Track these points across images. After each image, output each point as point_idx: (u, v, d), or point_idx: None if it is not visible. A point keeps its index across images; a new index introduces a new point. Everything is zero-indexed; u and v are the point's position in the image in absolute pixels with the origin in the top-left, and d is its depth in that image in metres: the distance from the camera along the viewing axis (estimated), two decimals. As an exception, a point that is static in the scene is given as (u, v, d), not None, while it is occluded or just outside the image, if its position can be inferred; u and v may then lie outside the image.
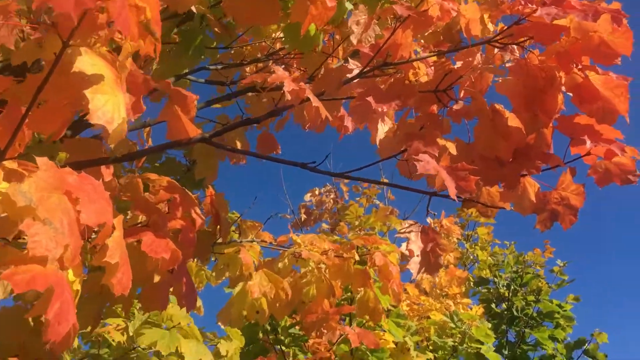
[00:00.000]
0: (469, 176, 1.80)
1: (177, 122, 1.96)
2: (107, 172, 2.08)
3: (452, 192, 1.82)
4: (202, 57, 3.20)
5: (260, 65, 3.76)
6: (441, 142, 1.94)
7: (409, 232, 2.25)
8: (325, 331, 2.94)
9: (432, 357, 6.23)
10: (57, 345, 1.12)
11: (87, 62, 1.23)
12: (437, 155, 1.85)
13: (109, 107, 1.24)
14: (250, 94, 3.51)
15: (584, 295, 8.65)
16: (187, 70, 3.33)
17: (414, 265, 2.22)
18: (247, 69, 3.82)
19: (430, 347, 6.27)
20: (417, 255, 2.21)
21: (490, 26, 2.53)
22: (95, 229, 1.30)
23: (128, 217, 2.11)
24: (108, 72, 1.26)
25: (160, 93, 3.19)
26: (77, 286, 1.26)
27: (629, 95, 1.94)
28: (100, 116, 1.24)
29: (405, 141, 1.95)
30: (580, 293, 8.05)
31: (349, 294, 5.13)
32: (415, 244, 2.21)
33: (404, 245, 2.24)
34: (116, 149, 2.67)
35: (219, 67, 3.58)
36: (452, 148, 1.97)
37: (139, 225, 1.97)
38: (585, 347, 7.41)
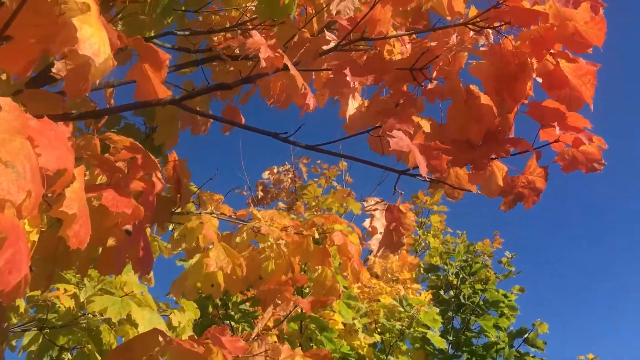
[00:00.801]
0: (441, 155, 1.79)
1: (147, 82, 1.88)
2: (67, 129, 1.98)
3: (423, 170, 1.82)
4: (170, 19, 3.10)
5: (229, 35, 3.67)
6: (416, 119, 1.93)
7: (374, 210, 2.25)
8: (279, 302, 2.92)
9: (380, 339, 6.33)
10: (5, 295, 1.05)
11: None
12: (411, 132, 1.84)
13: (96, 40, 1.17)
14: (217, 62, 3.43)
15: (529, 287, 8.90)
16: (153, 34, 3.22)
17: (375, 242, 2.22)
18: (215, 39, 3.73)
19: (379, 330, 6.36)
20: (380, 233, 2.21)
21: (462, 8, 2.53)
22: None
23: (87, 177, 2.02)
24: (93, 5, 1.18)
25: (126, 55, 3.08)
26: (34, 237, 1.19)
27: (596, 82, 1.98)
28: (88, 47, 1.16)
29: (379, 117, 1.93)
30: (526, 285, 8.28)
31: (303, 273, 5.13)
32: (379, 222, 2.20)
33: (367, 221, 2.24)
34: (76, 107, 2.56)
35: (187, 33, 3.48)
36: (426, 126, 1.96)
37: (100, 184, 1.89)
38: (526, 335, 7.65)
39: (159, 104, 1.93)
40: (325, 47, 2.12)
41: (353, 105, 2.31)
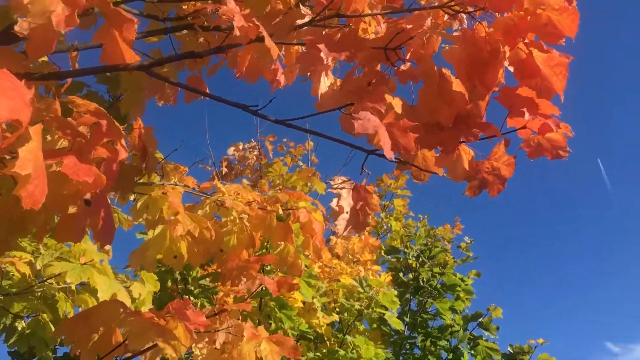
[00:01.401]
0: (410, 134, 1.79)
1: (114, 45, 1.82)
2: (29, 90, 1.90)
3: (388, 152, 1.82)
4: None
5: (199, 4, 3.58)
6: (388, 99, 1.93)
7: (341, 189, 2.25)
8: (244, 279, 2.90)
9: (338, 319, 6.40)
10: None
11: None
12: (382, 112, 1.83)
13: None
14: (187, 32, 3.35)
15: (486, 272, 9.10)
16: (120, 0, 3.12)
17: (342, 221, 2.22)
18: (185, 7, 3.64)
19: (337, 309, 6.42)
20: (347, 212, 2.21)
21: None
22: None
23: (47, 140, 1.96)
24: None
25: (91, 20, 2.97)
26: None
27: (567, 74, 2.00)
28: None
29: (351, 96, 1.92)
30: (483, 270, 8.45)
31: (264, 250, 5.12)
32: (346, 201, 2.21)
33: (334, 200, 2.23)
34: (38, 70, 2.46)
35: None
36: (397, 106, 1.96)
37: (61, 149, 1.83)
38: (480, 319, 7.84)
39: (126, 69, 1.87)
40: (299, 22, 2.08)
41: (325, 83, 2.29)
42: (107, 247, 4.32)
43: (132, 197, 3.06)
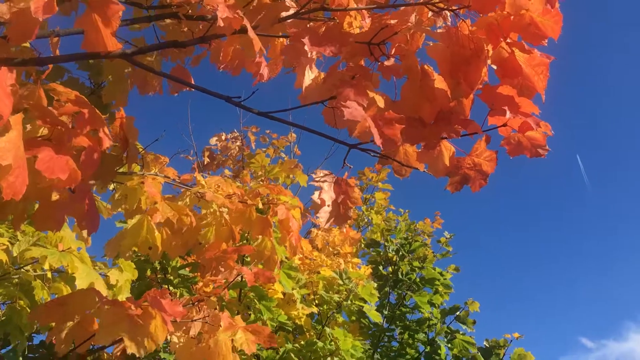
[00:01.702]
0: (395, 125, 1.81)
1: (96, 32, 1.80)
2: (10, 75, 1.88)
3: (377, 139, 1.83)
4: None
5: (184, -7, 3.55)
6: (370, 94, 1.94)
7: (323, 182, 2.26)
8: (222, 269, 2.91)
9: (317, 311, 6.42)
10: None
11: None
12: (365, 105, 1.84)
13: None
14: (170, 21, 3.32)
15: (464, 267, 9.19)
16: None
17: (323, 214, 2.23)
18: (168, -5, 3.60)
19: (317, 301, 6.44)
20: (328, 205, 2.22)
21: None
22: None
23: (28, 128, 1.93)
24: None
25: (72, 5, 2.93)
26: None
27: (548, 74, 2.03)
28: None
29: (335, 90, 1.93)
30: (461, 265, 8.52)
31: (245, 241, 5.12)
32: (328, 194, 2.22)
33: (316, 193, 2.24)
34: (18, 55, 2.43)
35: (139, -14, 3.35)
36: (380, 101, 1.97)
37: (41, 138, 1.81)
38: (457, 313, 7.92)
39: (108, 57, 1.86)
40: (284, 14, 2.08)
41: (309, 76, 2.29)
42: (86, 235, 4.29)
43: (111, 187, 3.04)
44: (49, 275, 2.57)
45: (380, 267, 8.34)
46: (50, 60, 1.86)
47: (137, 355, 1.93)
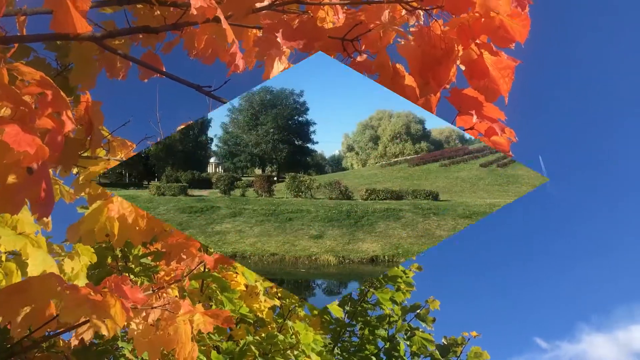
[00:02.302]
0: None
1: (66, 13, 1.75)
2: (-28, 54, 1.82)
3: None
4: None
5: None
6: (341, 89, 1.94)
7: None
8: (184, 257, 2.89)
9: (280, 304, 6.42)
10: None
11: None
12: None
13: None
14: (142, 5, 3.26)
15: (427, 267, 9.29)
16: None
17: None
18: (142, -21, 3.54)
19: (279, 294, 6.44)
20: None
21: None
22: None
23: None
24: None
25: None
26: None
27: (514, 77, 2.08)
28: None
29: (304, 82, 1.92)
30: (424, 264, 8.61)
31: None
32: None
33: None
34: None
35: (112, -31, 3.28)
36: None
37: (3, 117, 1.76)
38: (418, 311, 8.01)
39: (76, 39, 1.81)
40: (258, 5, 2.07)
41: (278, 68, 2.29)
42: (47, 219, 4.20)
43: (75, 170, 2.98)
44: (3, 257, 2.50)
45: (344, 263, 8.37)
46: (16, 40, 1.81)
47: (105, 335, 1.90)
